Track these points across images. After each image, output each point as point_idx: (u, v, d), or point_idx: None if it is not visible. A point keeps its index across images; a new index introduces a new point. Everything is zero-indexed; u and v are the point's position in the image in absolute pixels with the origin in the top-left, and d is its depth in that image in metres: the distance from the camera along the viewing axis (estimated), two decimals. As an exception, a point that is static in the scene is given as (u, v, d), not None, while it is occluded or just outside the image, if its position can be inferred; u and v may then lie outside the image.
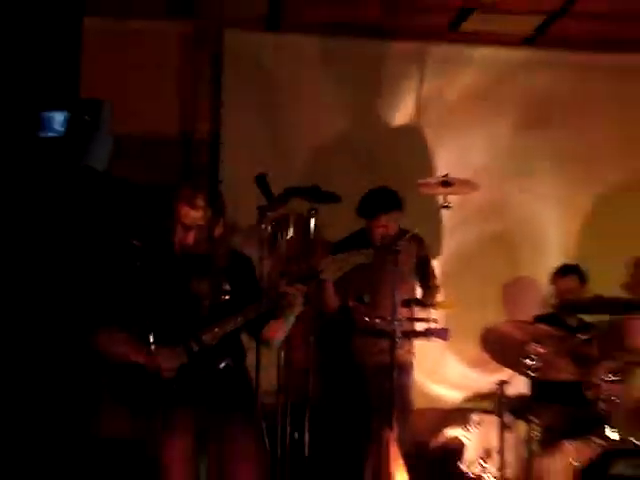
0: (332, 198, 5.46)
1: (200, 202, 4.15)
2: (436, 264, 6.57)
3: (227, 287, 4.18)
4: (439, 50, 7.18)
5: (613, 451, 5.22)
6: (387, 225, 6.00)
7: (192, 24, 6.87)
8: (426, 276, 6.36)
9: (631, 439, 5.32)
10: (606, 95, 7.26)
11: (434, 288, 6.37)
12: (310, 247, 5.03)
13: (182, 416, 4.03)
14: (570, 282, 6.50)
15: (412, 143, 7.12)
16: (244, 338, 4.42)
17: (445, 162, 6.99)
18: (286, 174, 6.02)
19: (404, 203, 6.05)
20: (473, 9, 6.63)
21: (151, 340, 3.94)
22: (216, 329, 4.06)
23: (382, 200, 6.08)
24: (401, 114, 7.19)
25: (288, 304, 4.17)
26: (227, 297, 4.17)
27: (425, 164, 6.96)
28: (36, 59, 4.71)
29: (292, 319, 4.29)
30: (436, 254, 6.76)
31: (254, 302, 4.18)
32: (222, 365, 4.10)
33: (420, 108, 7.19)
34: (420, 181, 6.25)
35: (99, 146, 4.52)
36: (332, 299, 6.05)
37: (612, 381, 5.49)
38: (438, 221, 6.87)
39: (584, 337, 5.79)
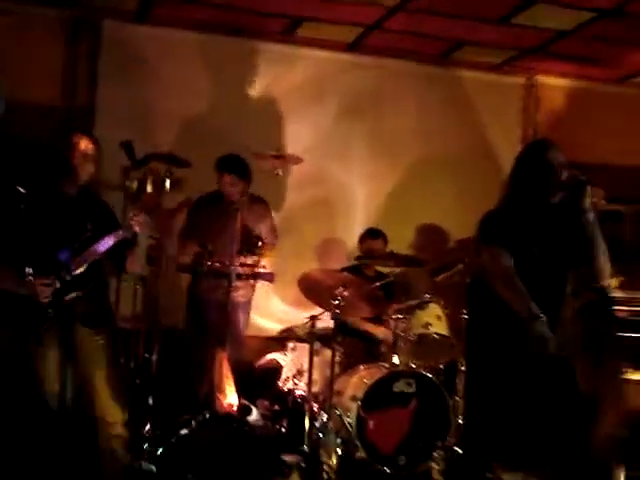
0: (184, 163, 5.55)
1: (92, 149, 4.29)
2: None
3: (90, 226, 4.17)
4: (279, 49, 7.22)
5: (396, 372, 5.45)
6: (231, 184, 6.06)
7: (74, 13, 6.71)
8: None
9: (410, 364, 5.60)
10: (406, 92, 7.47)
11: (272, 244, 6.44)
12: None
13: (54, 333, 4.04)
14: (375, 242, 6.67)
15: (256, 122, 7.09)
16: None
17: (280, 139, 7.08)
18: (150, 141, 6.02)
19: (250, 174, 6.11)
20: (305, 19, 6.70)
21: (29, 272, 4.01)
22: (81, 258, 4.09)
23: (230, 163, 6.09)
24: (248, 99, 7.18)
25: (138, 230, 4.23)
26: (90, 234, 4.15)
27: (265, 140, 6.85)
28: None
29: (143, 247, 4.37)
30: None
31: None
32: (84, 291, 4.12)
33: (263, 95, 7.20)
34: (255, 152, 6.22)
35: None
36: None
37: (398, 319, 5.75)
38: (272, 187, 6.86)
39: (378, 284, 5.97)
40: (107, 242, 4.17)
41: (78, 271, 4.10)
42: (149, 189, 5.06)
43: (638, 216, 7.85)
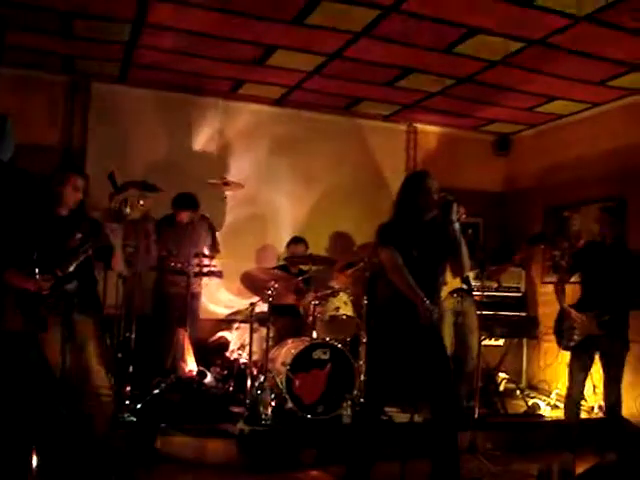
0: (154, 189, 5.53)
1: (81, 183, 4.26)
2: (218, 233, 6.61)
3: (78, 236, 4.13)
4: (225, 103, 7.15)
5: (314, 344, 5.48)
6: (186, 217, 6.16)
7: (70, 77, 6.62)
8: (213, 240, 6.47)
9: (325, 338, 5.63)
10: (319, 135, 7.42)
11: (216, 247, 6.50)
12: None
13: (54, 318, 3.99)
14: (299, 247, 6.68)
15: (208, 159, 7.05)
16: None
17: (226, 170, 7.00)
18: (127, 172, 5.93)
19: (199, 204, 6.19)
20: (245, 81, 6.70)
21: (37, 272, 3.97)
22: (71, 259, 4.06)
23: (184, 201, 6.17)
24: (202, 141, 7.10)
25: (112, 237, 4.23)
26: (78, 242, 4.11)
27: (215, 171, 6.85)
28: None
29: (119, 249, 4.30)
30: (219, 226, 6.76)
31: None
32: (72, 286, 4.07)
33: (213, 138, 7.14)
34: (209, 181, 6.35)
35: (6, 146, 4.37)
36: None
37: (316, 304, 5.75)
38: (221, 206, 6.92)
39: (301, 278, 6.04)
40: (87, 249, 4.15)
41: (68, 269, 4.05)
42: (128, 210, 5.02)
43: (490, 227, 8.09)
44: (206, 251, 6.36)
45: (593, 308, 4.99)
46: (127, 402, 5.12)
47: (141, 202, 5.18)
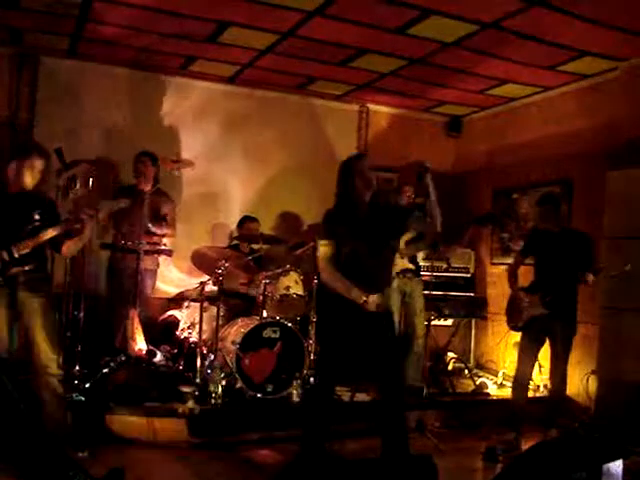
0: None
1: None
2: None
3: (37, 216, 4.13)
4: (176, 80, 7.10)
5: (265, 323, 5.51)
6: (147, 165, 6.09)
7: (18, 49, 6.43)
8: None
9: (275, 317, 5.65)
10: (271, 114, 7.44)
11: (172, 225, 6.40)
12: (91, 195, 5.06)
13: (2, 297, 4.03)
14: (251, 225, 6.65)
15: (159, 136, 6.93)
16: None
17: (178, 147, 7.01)
18: (78, 149, 5.83)
19: (156, 159, 6.14)
20: (197, 57, 6.64)
21: None
22: (28, 241, 4.04)
23: (146, 152, 6.14)
24: (153, 117, 7.02)
25: (82, 226, 4.17)
26: (37, 223, 4.11)
27: (167, 149, 6.72)
28: None
29: (87, 236, 4.27)
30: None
31: (55, 225, 4.17)
32: (28, 267, 4.08)
33: (165, 114, 7.06)
34: (160, 158, 6.23)
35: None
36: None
37: (267, 283, 5.78)
38: (173, 184, 6.84)
39: (251, 257, 6.08)
40: (50, 233, 4.12)
41: (24, 251, 4.04)
42: (77, 186, 4.93)
43: (440, 208, 8.19)
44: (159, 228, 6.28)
45: (541, 290, 5.13)
46: (76, 381, 5.10)
47: (90, 180, 5.14)
